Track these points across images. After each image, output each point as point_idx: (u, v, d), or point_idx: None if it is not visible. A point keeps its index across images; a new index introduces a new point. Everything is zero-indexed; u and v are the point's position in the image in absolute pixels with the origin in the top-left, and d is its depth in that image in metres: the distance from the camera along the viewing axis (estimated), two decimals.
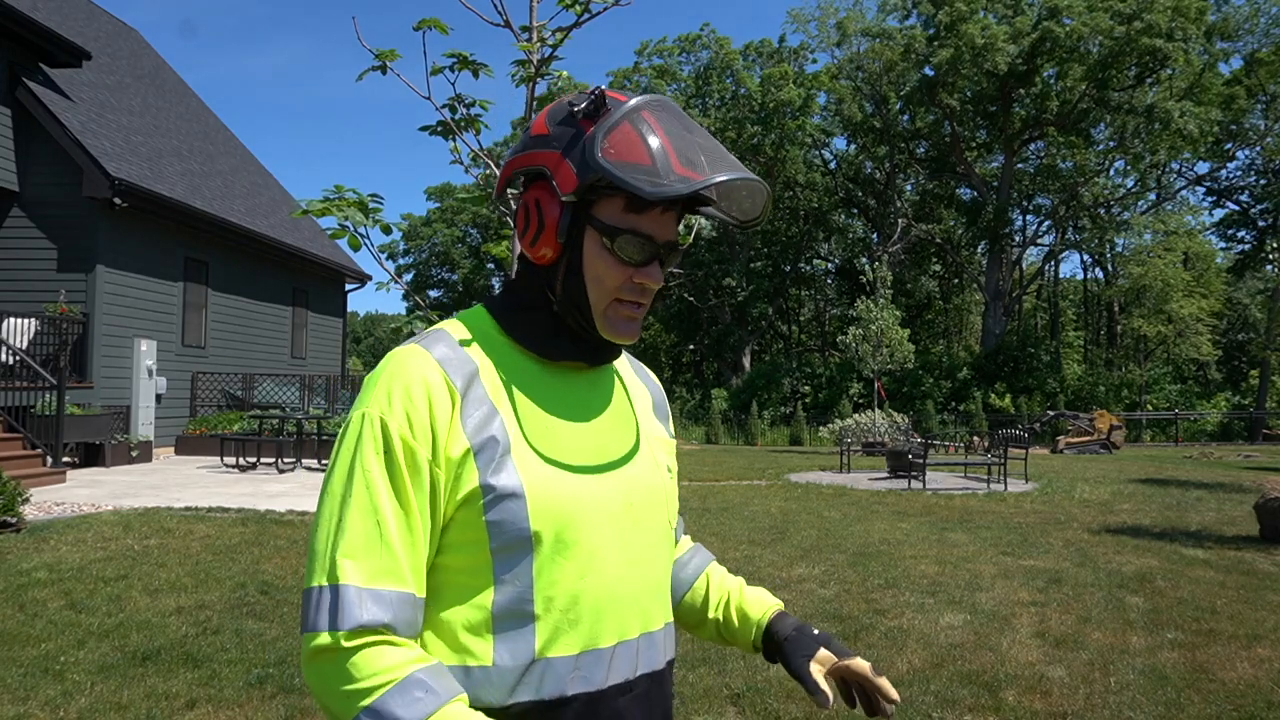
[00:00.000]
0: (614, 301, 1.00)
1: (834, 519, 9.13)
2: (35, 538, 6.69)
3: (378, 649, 0.86)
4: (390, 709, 0.84)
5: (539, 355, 1.03)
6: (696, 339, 40.27)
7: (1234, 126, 34.40)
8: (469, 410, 0.95)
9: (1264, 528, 8.05)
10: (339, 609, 0.86)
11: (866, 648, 4.50)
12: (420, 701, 0.84)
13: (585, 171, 0.95)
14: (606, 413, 1.06)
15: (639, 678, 1.00)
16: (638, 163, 0.92)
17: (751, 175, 0.98)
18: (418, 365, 0.95)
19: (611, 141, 0.94)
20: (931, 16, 32.97)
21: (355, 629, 0.86)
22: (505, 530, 0.92)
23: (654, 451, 1.09)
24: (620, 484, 1.01)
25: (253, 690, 3.70)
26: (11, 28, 11.96)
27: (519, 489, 0.93)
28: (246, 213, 16.94)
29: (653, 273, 0.99)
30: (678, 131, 0.96)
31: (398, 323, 2.61)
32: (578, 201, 0.98)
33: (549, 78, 2.60)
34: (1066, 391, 30.93)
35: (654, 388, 1.22)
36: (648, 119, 0.96)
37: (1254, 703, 3.78)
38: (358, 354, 79.06)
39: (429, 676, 0.87)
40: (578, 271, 1.00)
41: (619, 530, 0.99)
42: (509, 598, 0.93)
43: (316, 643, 0.86)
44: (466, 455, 0.93)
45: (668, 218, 1.00)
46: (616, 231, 0.97)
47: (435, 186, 56.79)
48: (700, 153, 0.95)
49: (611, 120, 0.95)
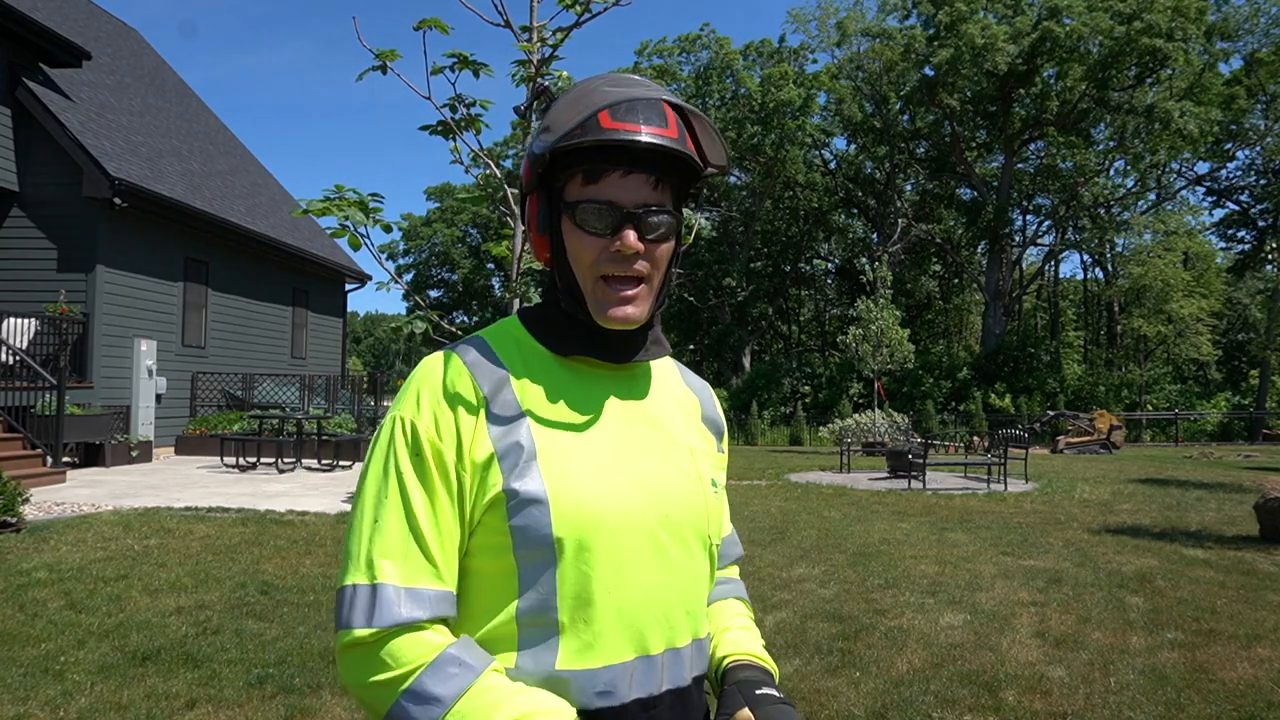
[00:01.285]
0: (599, 280, 0.98)
1: (834, 519, 9.13)
2: (35, 538, 6.69)
3: (410, 636, 0.88)
4: (427, 688, 0.86)
5: (553, 350, 1.02)
6: (696, 339, 40.26)
7: (1234, 126, 34.38)
8: (495, 415, 0.96)
9: (1264, 528, 8.05)
10: (376, 606, 0.88)
11: (866, 648, 4.50)
12: (455, 677, 0.86)
13: (533, 160, 0.98)
14: (643, 422, 1.04)
15: (663, 694, 0.97)
16: (564, 127, 0.94)
17: (644, 94, 0.95)
18: (447, 370, 0.98)
19: (550, 122, 0.97)
20: (931, 16, 32.96)
21: (393, 626, 0.88)
22: (528, 535, 0.92)
23: (696, 464, 1.06)
24: (653, 495, 0.99)
25: (253, 690, 3.70)
26: (11, 28, 11.96)
27: (542, 494, 0.93)
28: (246, 213, 16.94)
29: (626, 237, 0.95)
30: (616, 91, 0.95)
31: (398, 323, 2.61)
32: (550, 193, 1.00)
33: (549, 78, 2.60)
34: (1066, 391, 30.93)
35: (705, 398, 1.18)
36: (585, 91, 0.97)
37: (1254, 703, 3.77)
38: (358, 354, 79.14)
39: (460, 651, 0.89)
40: (564, 258, 1.00)
41: (651, 542, 0.97)
42: (533, 604, 0.93)
43: (351, 637, 0.89)
44: (491, 459, 0.94)
45: (633, 180, 0.96)
46: (575, 205, 0.97)
47: (435, 186, 56.85)
48: (629, 98, 0.94)
49: (555, 106, 0.99)
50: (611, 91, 0.95)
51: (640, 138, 0.93)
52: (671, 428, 1.07)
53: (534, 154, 0.98)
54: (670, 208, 0.99)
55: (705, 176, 1.03)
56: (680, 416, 1.10)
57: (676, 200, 1.01)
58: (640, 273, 0.98)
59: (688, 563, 1.01)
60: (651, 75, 39.26)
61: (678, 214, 1.00)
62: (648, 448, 1.02)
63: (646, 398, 1.07)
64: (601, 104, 0.93)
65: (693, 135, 1.00)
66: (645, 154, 0.95)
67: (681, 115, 0.98)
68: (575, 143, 0.93)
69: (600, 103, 0.93)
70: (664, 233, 0.98)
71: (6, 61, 12.35)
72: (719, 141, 1.03)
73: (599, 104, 0.93)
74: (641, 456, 1.01)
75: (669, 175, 0.98)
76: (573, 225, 0.98)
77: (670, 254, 1.02)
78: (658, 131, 0.94)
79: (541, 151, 0.96)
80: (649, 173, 0.96)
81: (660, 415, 1.07)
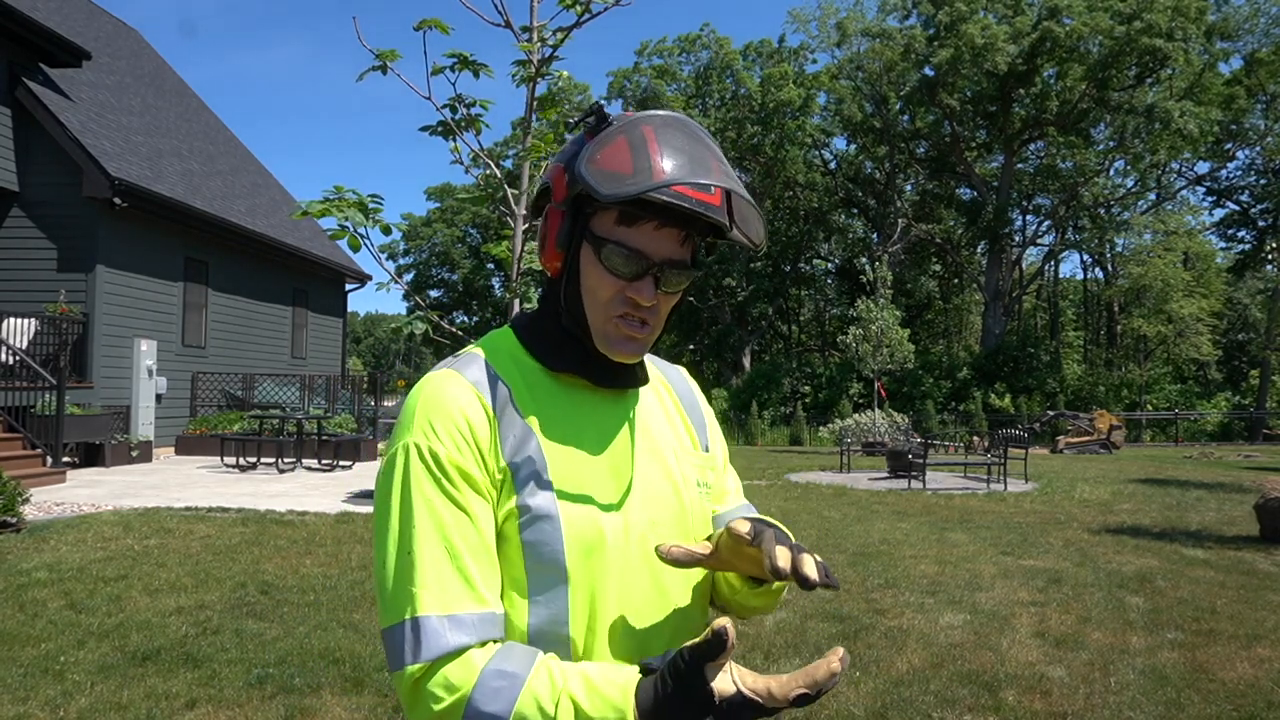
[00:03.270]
0: (614, 319, 0.98)
1: (834, 519, 9.13)
2: (35, 538, 6.69)
3: (457, 662, 0.87)
4: (480, 709, 0.84)
5: (545, 365, 1.02)
6: (696, 339, 40.27)
7: (1234, 126, 34.39)
8: (505, 432, 0.97)
9: (1264, 528, 8.05)
10: (422, 640, 0.87)
11: (866, 648, 4.50)
12: (504, 690, 0.85)
13: (573, 182, 0.96)
14: (632, 433, 1.05)
15: None
16: (616, 171, 0.91)
17: (713, 181, 0.93)
18: (454, 392, 0.97)
19: (601, 152, 0.94)
20: (931, 16, 32.96)
21: (440, 656, 0.87)
22: (539, 551, 0.94)
23: (682, 470, 1.08)
24: (646, 510, 1.01)
25: (253, 690, 3.70)
26: (11, 28, 11.96)
27: (553, 510, 0.94)
28: (246, 213, 16.94)
29: (644, 289, 0.96)
30: (677, 145, 0.93)
31: (398, 323, 2.61)
32: (578, 214, 0.99)
33: (549, 78, 2.60)
34: (1066, 391, 30.93)
35: (683, 391, 1.18)
36: (645, 132, 0.94)
37: (1254, 703, 3.78)
38: (358, 354, 79.14)
39: (501, 663, 0.87)
40: (576, 283, 1.00)
41: (646, 555, 0.99)
42: (543, 619, 0.94)
43: (406, 675, 0.87)
44: (506, 476, 0.95)
45: (665, 234, 0.96)
46: (604, 242, 0.96)
47: (435, 186, 56.79)
48: (692, 165, 0.92)
49: (608, 133, 0.96)
50: (669, 150, 0.92)
51: (689, 206, 0.92)
52: (659, 437, 1.08)
53: (579, 176, 0.94)
54: (690, 263, 1.00)
55: (728, 238, 1.03)
56: (665, 422, 1.11)
57: (696, 254, 1.02)
58: (649, 321, 0.99)
59: (679, 572, 1.03)
60: (651, 75, 39.33)
61: (695, 269, 1.01)
62: (641, 462, 1.04)
63: (636, 411, 1.08)
64: (675, 179, 0.90)
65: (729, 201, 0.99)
66: (685, 212, 0.95)
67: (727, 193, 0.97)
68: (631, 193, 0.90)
69: (674, 177, 0.90)
70: (680, 287, 0.99)
71: (6, 61, 12.35)
72: (759, 220, 1.04)
73: (672, 177, 0.90)
74: (636, 472, 1.03)
75: (698, 233, 0.99)
76: (595, 259, 0.97)
77: (679, 299, 1.03)
78: (705, 199, 0.93)
79: (598, 196, 0.92)
80: (680, 228, 0.97)
81: (649, 427, 1.08)
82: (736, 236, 1.03)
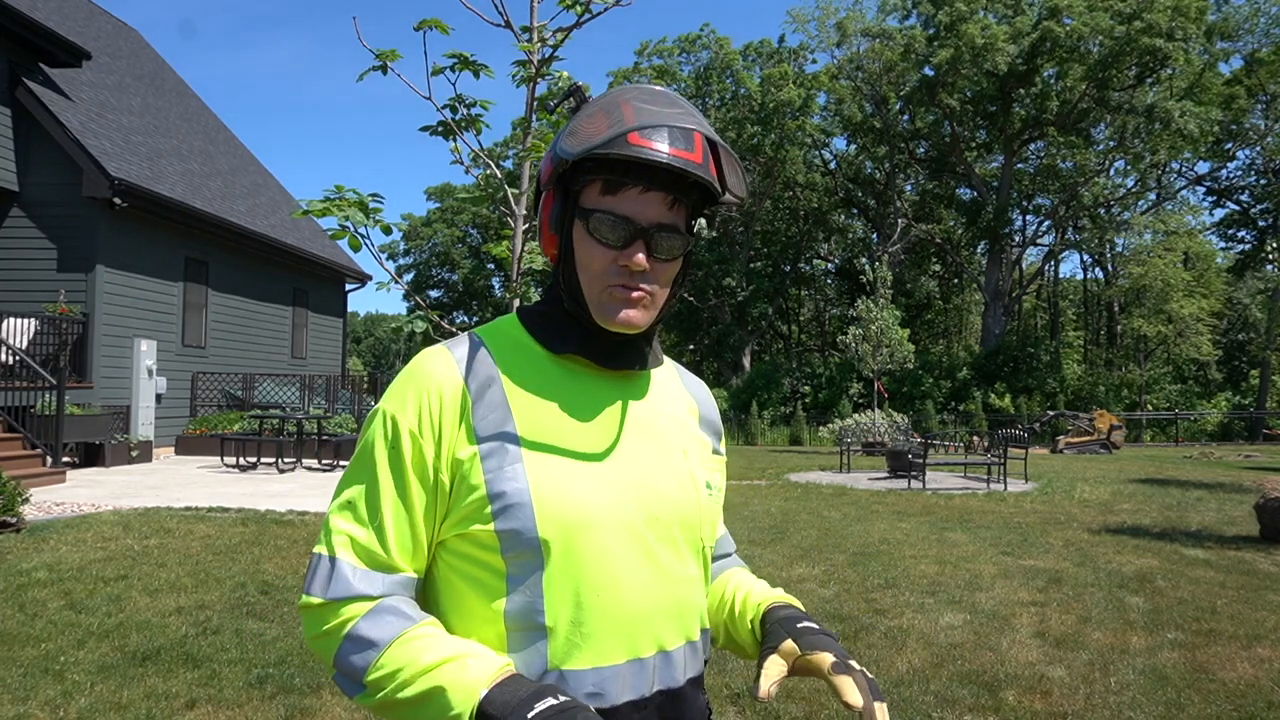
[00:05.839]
0: (610, 288, 0.98)
1: (834, 519, 9.13)
2: (35, 538, 6.69)
3: (357, 601, 0.93)
4: (363, 633, 0.91)
5: (548, 348, 1.03)
6: (696, 339, 40.26)
7: (1234, 126, 34.39)
8: (481, 413, 0.97)
9: (1264, 528, 8.05)
10: (333, 580, 0.94)
11: (866, 648, 4.50)
12: (391, 624, 0.91)
13: (555, 160, 0.99)
14: (636, 424, 1.04)
15: (654, 694, 0.98)
16: (591, 135, 0.94)
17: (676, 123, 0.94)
18: (435, 366, 0.99)
19: (579, 124, 0.97)
20: (931, 16, 32.96)
21: (345, 598, 0.93)
22: (514, 537, 0.93)
23: (690, 467, 1.06)
24: (642, 497, 0.99)
25: (253, 690, 3.70)
26: (11, 28, 11.96)
27: (526, 495, 0.93)
28: (246, 213, 16.94)
29: (635, 253, 0.96)
30: (653, 108, 0.95)
31: (398, 323, 2.61)
32: (567, 194, 1.00)
33: (549, 78, 2.60)
34: (1066, 391, 30.93)
35: (704, 401, 1.18)
36: (619, 99, 0.97)
37: (1254, 703, 3.78)
38: (358, 354, 79.11)
39: (400, 603, 0.94)
40: (571, 261, 1.01)
41: (639, 544, 0.97)
42: (520, 607, 0.93)
43: (307, 602, 0.95)
44: (474, 458, 0.95)
45: (651, 198, 0.96)
46: (590, 213, 0.97)
47: (435, 186, 56.85)
48: (666, 120, 0.94)
49: (586, 108, 0.99)
50: (644, 110, 0.95)
51: (663, 159, 0.92)
52: (667, 430, 1.07)
53: (557, 155, 0.98)
54: (683, 229, 1.00)
55: (721, 201, 1.03)
56: (677, 419, 1.10)
57: (690, 220, 1.02)
58: (645, 289, 0.99)
59: (677, 565, 1.01)
60: (651, 75, 39.32)
61: (690, 235, 1.00)
62: (640, 449, 1.02)
63: (643, 400, 1.07)
64: (632, 125, 0.93)
65: (716, 162, 0.99)
66: (666, 173, 0.95)
67: (710, 143, 0.98)
68: (600, 154, 0.93)
69: (631, 123, 0.93)
70: (674, 253, 0.99)
71: (6, 61, 12.35)
72: (741, 174, 1.03)
73: (629, 124, 0.93)
74: (632, 458, 1.01)
75: (686, 196, 0.99)
76: (585, 232, 0.98)
77: (677, 272, 1.02)
78: (682, 154, 0.93)
79: (566, 156, 0.95)
80: (667, 191, 0.97)
81: (656, 418, 1.07)
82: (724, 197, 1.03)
